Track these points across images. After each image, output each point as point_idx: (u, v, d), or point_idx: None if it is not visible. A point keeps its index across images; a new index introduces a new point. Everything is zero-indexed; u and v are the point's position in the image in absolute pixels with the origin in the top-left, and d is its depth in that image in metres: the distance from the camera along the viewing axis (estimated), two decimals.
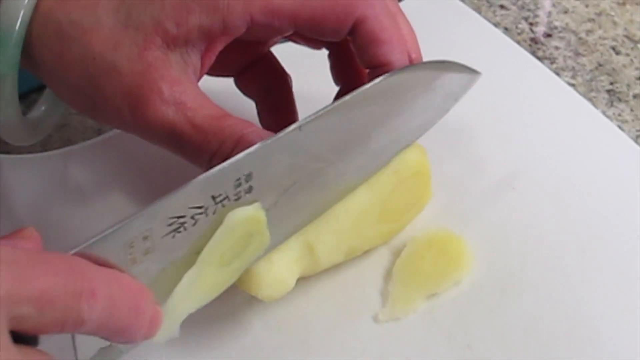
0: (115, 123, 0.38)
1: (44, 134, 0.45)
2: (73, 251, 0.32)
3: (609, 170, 0.49)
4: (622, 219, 0.47)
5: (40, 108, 0.45)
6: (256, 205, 0.37)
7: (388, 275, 0.44)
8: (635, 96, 0.55)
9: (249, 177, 0.36)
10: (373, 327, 0.42)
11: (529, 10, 0.61)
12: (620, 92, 0.55)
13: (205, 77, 0.40)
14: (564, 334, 0.42)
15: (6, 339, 0.28)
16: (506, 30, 0.60)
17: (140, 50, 0.37)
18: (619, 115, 0.54)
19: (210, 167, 0.37)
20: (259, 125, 0.40)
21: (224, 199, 0.36)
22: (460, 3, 0.60)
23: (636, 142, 0.51)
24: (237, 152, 0.36)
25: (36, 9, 0.37)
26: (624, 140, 0.51)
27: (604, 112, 0.53)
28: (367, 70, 0.41)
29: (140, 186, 0.49)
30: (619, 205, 0.47)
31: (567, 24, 0.60)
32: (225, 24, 0.37)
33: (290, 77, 0.45)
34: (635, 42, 0.59)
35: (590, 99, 0.54)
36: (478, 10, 0.61)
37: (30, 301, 0.28)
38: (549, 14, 0.61)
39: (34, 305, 0.28)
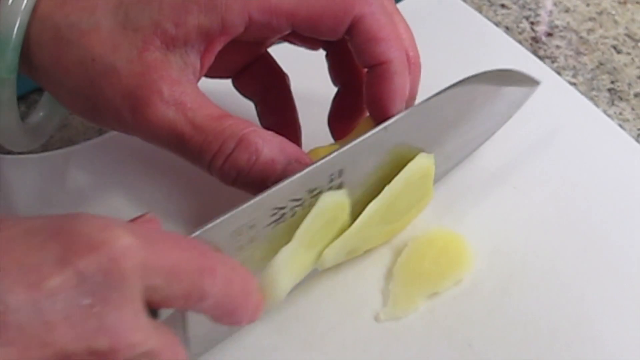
0: (116, 125, 0.38)
1: (43, 139, 0.44)
2: (190, 236, 0.33)
3: (610, 169, 0.49)
4: (623, 218, 0.47)
5: (39, 113, 0.45)
6: (343, 191, 0.39)
7: (389, 274, 0.44)
8: (636, 95, 0.55)
9: (340, 172, 0.39)
10: (374, 326, 0.42)
11: (530, 9, 0.61)
12: (621, 91, 0.55)
13: (203, 79, 0.40)
14: (565, 333, 0.42)
15: (141, 306, 0.29)
16: (507, 29, 0.60)
17: (139, 52, 0.36)
18: (620, 114, 0.54)
19: (211, 168, 0.37)
20: (259, 125, 0.40)
21: (319, 192, 0.38)
22: (462, 2, 0.60)
23: (637, 140, 0.51)
24: (238, 152, 0.36)
25: (34, 13, 0.37)
26: (625, 139, 0.51)
27: (605, 111, 0.53)
28: (366, 70, 0.41)
29: (142, 186, 0.49)
30: (620, 204, 0.47)
31: (568, 23, 0.60)
32: (223, 23, 0.37)
33: (288, 77, 0.45)
34: (636, 41, 0.59)
35: (591, 98, 0.54)
36: (479, 9, 0.61)
37: (162, 273, 0.29)
38: (550, 13, 0.61)
39: (165, 277, 0.29)
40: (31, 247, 0.28)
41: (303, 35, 0.40)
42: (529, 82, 0.47)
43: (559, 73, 0.56)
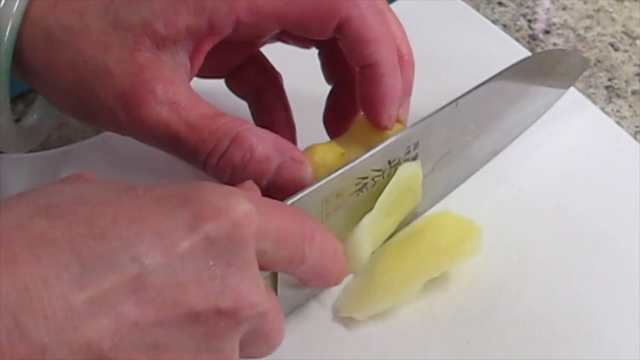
0: (110, 125, 0.38)
1: (37, 141, 0.45)
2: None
3: (607, 166, 0.49)
4: (620, 215, 0.47)
5: (33, 115, 0.45)
6: (418, 162, 0.42)
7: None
8: (633, 92, 0.55)
9: (416, 145, 0.42)
10: (372, 323, 0.42)
11: (527, 7, 0.61)
12: (618, 89, 0.55)
13: (197, 79, 0.40)
14: (563, 331, 0.42)
15: (258, 269, 0.31)
16: (505, 27, 0.60)
17: (130, 52, 0.37)
18: (618, 111, 0.54)
19: (206, 166, 0.37)
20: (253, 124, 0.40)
21: (397, 163, 0.41)
22: (459, 0, 0.60)
23: (635, 138, 0.52)
24: (234, 151, 0.36)
25: (26, 15, 0.37)
26: (623, 136, 0.51)
27: (602, 109, 0.53)
28: (357, 69, 0.41)
29: (140, 184, 0.49)
30: (617, 201, 0.47)
31: (565, 20, 0.60)
32: (211, 24, 0.37)
33: (281, 76, 0.45)
34: (634, 38, 0.59)
35: (589, 95, 0.54)
36: (477, 7, 0.61)
37: (271, 238, 0.31)
38: (548, 10, 0.61)
39: (273, 241, 0.32)
40: (163, 214, 0.29)
41: (294, 35, 0.40)
42: (582, 59, 0.52)
43: None
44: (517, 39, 0.58)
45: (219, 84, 0.45)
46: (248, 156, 0.37)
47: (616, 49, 0.58)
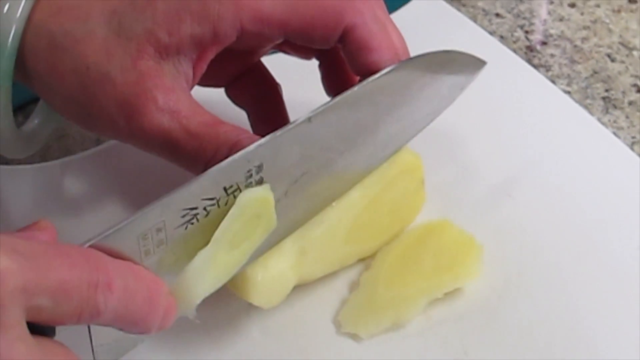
0: (110, 132, 0.39)
1: (38, 146, 0.45)
2: (88, 244, 0.32)
3: (604, 176, 0.49)
4: (618, 226, 0.47)
5: (34, 121, 0.45)
6: (265, 186, 0.37)
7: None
8: (630, 103, 0.55)
9: (259, 168, 0.37)
10: None
11: (524, 18, 0.62)
12: (615, 99, 0.55)
13: (197, 88, 0.40)
14: (561, 341, 0.42)
15: (23, 330, 0.28)
16: (502, 38, 0.60)
17: (133, 60, 0.37)
18: (615, 122, 0.54)
19: None
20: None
21: (235, 190, 0.36)
22: (456, 11, 0.60)
23: (632, 148, 0.52)
24: None
25: (29, 20, 0.38)
26: (620, 147, 0.51)
27: (599, 119, 0.53)
28: (358, 79, 0.41)
29: (139, 196, 0.49)
30: (615, 211, 0.47)
31: (562, 31, 0.61)
32: (215, 32, 0.37)
33: (280, 87, 0.45)
34: (630, 49, 0.59)
35: (585, 106, 0.55)
36: (474, 18, 0.61)
37: (48, 292, 0.28)
38: (545, 22, 0.61)
39: (51, 296, 0.28)
40: None
41: (296, 44, 0.41)
42: (474, 61, 0.45)
43: (553, 81, 0.56)
44: (514, 50, 0.58)
45: (219, 93, 0.45)
46: None
47: (613, 60, 0.58)
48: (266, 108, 0.45)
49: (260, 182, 0.37)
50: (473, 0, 0.63)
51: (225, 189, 0.36)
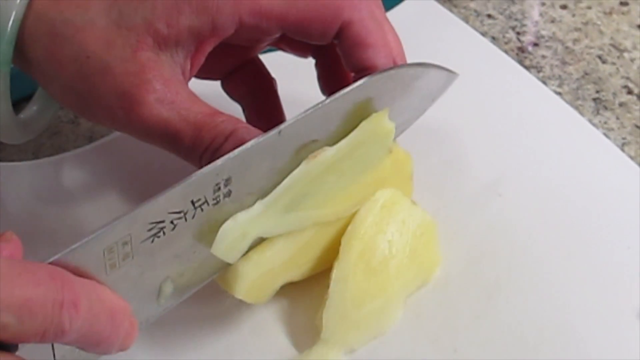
0: (108, 121, 0.39)
1: (36, 133, 0.45)
2: (52, 259, 0.31)
3: (594, 177, 0.49)
4: (608, 225, 0.47)
5: (33, 107, 0.45)
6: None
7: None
8: (621, 104, 0.55)
9: (228, 181, 0.37)
10: None
11: (516, 19, 0.62)
12: (606, 101, 0.56)
13: (193, 81, 0.40)
14: (550, 339, 0.42)
15: None
16: (493, 39, 0.60)
17: (133, 51, 0.37)
18: (605, 123, 0.54)
19: (202, 161, 0.37)
20: None
21: (203, 203, 0.36)
22: (448, 12, 0.61)
23: (622, 149, 0.52)
24: (228, 146, 0.37)
25: (29, 7, 0.38)
26: (610, 147, 0.51)
27: (590, 120, 0.54)
28: (353, 75, 0.41)
29: (132, 193, 0.49)
30: (605, 211, 0.48)
31: (554, 33, 0.61)
32: (214, 24, 0.38)
33: (275, 81, 0.46)
34: (621, 51, 0.59)
35: (576, 107, 0.55)
36: (466, 19, 0.61)
37: (11, 310, 0.28)
38: (536, 23, 0.62)
39: (15, 314, 0.28)
40: None
41: (293, 41, 0.41)
42: (446, 73, 0.45)
43: (544, 83, 0.56)
44: (505, 52, 0.58)
45: (215, 86, 0.46)
46: None
47: (604, 62, 0.59)
48: (261, 102, 0.45)
49: (228, 194, 0.37)
50: (465, 1, 0.63)
51: (192, 202, 0.36)
